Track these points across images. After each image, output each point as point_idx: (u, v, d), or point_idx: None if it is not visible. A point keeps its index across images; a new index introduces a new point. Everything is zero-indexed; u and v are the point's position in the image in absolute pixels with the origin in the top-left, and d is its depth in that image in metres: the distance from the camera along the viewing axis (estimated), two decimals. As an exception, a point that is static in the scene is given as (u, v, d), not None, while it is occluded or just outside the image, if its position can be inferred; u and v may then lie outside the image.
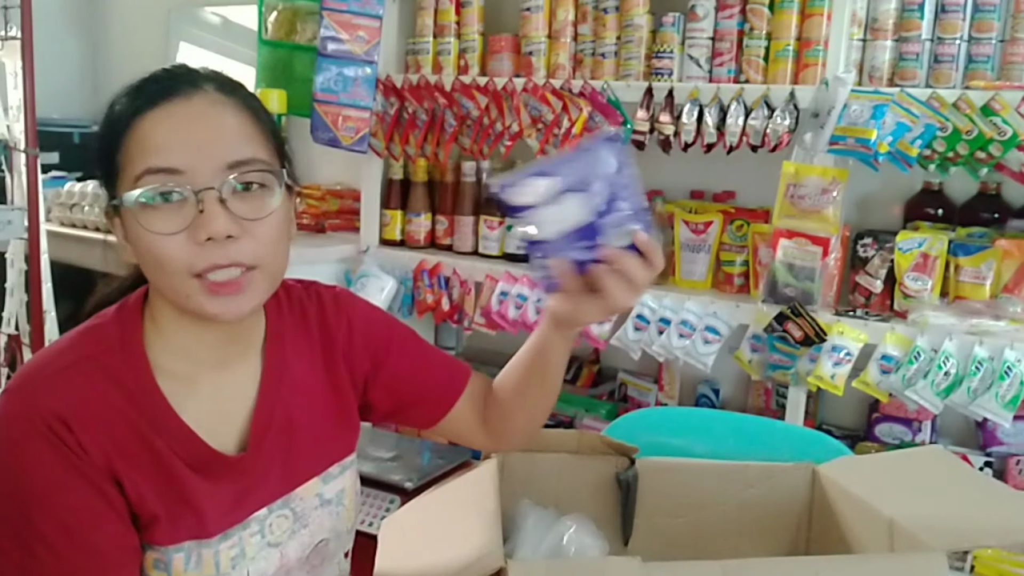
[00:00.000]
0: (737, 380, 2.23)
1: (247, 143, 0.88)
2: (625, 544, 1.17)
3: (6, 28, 2.19)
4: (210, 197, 0.84)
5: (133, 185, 0.85)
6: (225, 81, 0.91)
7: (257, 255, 0.87)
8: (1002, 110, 1.63)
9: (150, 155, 0.84)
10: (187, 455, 0.91)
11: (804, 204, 1.81)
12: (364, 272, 2.33)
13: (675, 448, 1.41)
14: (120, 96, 0.90)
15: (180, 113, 0.86)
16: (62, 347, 0.92)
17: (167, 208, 0.84)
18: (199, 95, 0.87)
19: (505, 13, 2.32)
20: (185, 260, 0.84)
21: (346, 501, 1.06)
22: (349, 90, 2.27)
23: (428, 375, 1.12)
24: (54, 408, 0.84)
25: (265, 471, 0.97)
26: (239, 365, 0.98)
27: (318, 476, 1.02)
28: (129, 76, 0.91)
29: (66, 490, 0.84)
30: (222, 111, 0.88)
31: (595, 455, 1.18)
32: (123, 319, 0.93)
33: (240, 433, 0.97)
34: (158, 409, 0.90)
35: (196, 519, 0.91)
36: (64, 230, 2.92)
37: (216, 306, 0.86)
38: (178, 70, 0.91)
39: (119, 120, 0.87)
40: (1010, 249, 1.72)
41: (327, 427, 1.04)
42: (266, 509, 0.97)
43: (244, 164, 0.87)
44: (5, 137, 2.26)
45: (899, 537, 0.95)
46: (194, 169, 0.84)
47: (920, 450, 1.26)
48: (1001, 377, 1.62)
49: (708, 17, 1.97)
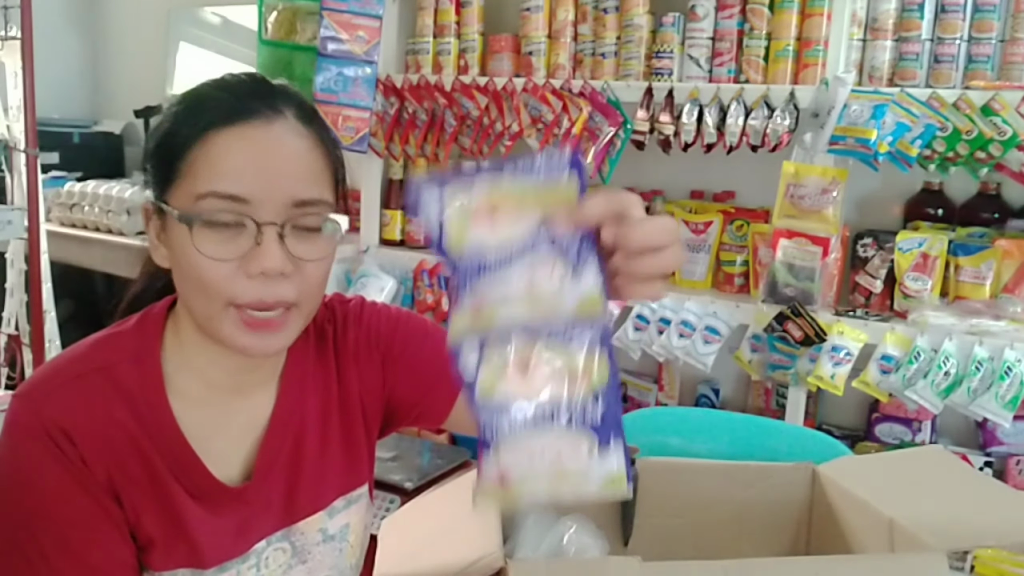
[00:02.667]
0: (737, 380, 2.23)
1: (317, 182, 0.85)
2: (625, 544, 1.17)
3: (6, 28, 2.19)
4: (271, 232, 0.81)
5: (194, 202, 0.81)
6: (306, 108, 0.88)
7: (301, 294, 0.85)
8: (1002, 110, 1.63)
9: (219, 178, 0.81)
10: (188, 482, 0.88)
11: (804, 204, 1.81)
12: (364, 272, 2.33)
13: (675, 448, 1.41)
14: (183, 100, 0.86)
15: (257, 138, 0.82)
16: (77, 355, 0.89)
17: (224, 233, 0.81)
18: (279, 122, 0.84)
19: (505, 13, 2.32)
20: (229, 290, 0.81)
21: (351, 537, 1.02)
22: (349, 90, 2.27)
23: (433, 365, 1.05)
24: (58, 420, 0.83)
25: (267, 503, 0.94)
26: (255, 393, 0.94)
27: (323, 510, 0.98)
28: (129, 76, 0.89)
29: (66, 503, 0.83)
30: (299, 144, 0.84)
31: (595, 455, 1.18)
32: (144, 330, 0.91)
33: (245, 462, 0.93)
34: (165, 430, 0.88)
35: (191, 548, 0.88)
36: (64, 230, 2.93)
37: (248, 340, 0.84)
38: (261, 87, 0.87)
39: (189, 127, 0.83)
40: (1010, 249, 1.72)
41: (336, 460, 1.00)
42: (265, 541, 0.94)
43: (310, 204, 0.84)
44: (5, 137, 2.26)
45: (899, 537, 0.95)
46: (261, 201, 0.81)
47: (920, 450, 1.26)
48: (1001, 377, 1.62)
49: (708, 17, 1.97)
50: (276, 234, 0.81)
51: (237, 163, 0.81)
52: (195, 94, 0.86)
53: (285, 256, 0.82)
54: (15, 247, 2.31)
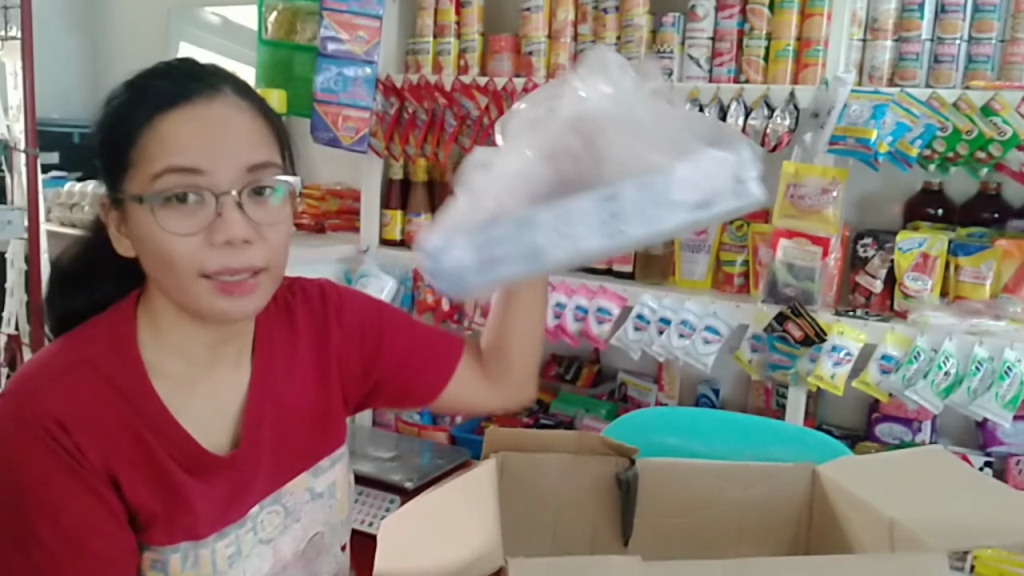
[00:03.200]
0: (737, 380, 2.23)
1: (264, 147, 0.90)
2: (625, 544, 1.17)
3: (6, 28, 2.19)
4: (229, 201, 0.86)
5: (151, 182, 0.85)
6: (240, 84, 0.93)
7: (268, 259, 0.89)
8: (1002, 110, 1.63)
9: (173, 154, 0.85)
10: (181, 456, 0.92)
11: (804, 204, 1.81)
12: (364, 272, 2.33)
13: (675, 448, 1.41)
14: (124, 91, 0.90)
15: (202, 115, 0.87)
16: (56, 350, 0.92)
17: (185, 209, 0.85)
18: (219, 98, 0.88)
19: (505, 13, 2.32)
20: (197, 261, 0.85)
21: (338, 494, 1.07)
22: (349, 90, 2.27)
23: (424, 348, 1.14)
24: (50, 411, 0.84)
25: (256, 467, 0.98)
26: (231, 365, 0.99)
27: (307, 471, 1.04)
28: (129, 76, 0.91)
29: (64, 494, 0.84)
30: (241, 114, 0.89)
31: (595, 456, 1.18)
32: (116, 321, 0.94)
33: (232, 431, 0.98)
34: (153, 410, 0.91)
35: (190, 520, 0.91)
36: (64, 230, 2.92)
37: (225, 304, 0.88)
38: (193, 69, 0.91)
39: (135, 115, 0.87)
40: (1010, 249, 1.72)
41: (316, 422, 1.05)
42: (258, 506, 0.98)
43: (262, 168, 0.89)
44: (5, 137, 2.27)
45: (899, 537, 0.95)
46: (215, 171, 0.85)
47: (920, 450, 1.26)
48: (1001, 377, 1.62)
49: (708, 17, 1.97)
50: (235, 203, 0.86)
51: (188, 138, 0.86)
52: (133, 85, 0.91)
53: (247, 223, 0.86)
54: (15, 247, 2.32)
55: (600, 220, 0.77)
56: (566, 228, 0.77)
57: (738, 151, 0.77)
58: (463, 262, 0.80)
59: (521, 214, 0.78)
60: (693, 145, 0.77)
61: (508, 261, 0.79)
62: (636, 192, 0.76)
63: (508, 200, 0.81)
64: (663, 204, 0.77)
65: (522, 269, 0.80)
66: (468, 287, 0.82)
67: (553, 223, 0.77)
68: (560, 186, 0.81)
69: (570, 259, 0.80)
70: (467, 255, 0.80)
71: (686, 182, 0.76)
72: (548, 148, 0.81)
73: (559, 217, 0.77)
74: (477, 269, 0.81)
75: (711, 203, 0.77)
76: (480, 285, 0.82)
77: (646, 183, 0.77)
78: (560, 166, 0.81)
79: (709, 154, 0.76)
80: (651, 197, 0.77)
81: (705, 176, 0.76)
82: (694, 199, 0.76)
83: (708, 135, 0.78)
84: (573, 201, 0.78)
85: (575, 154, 0.81)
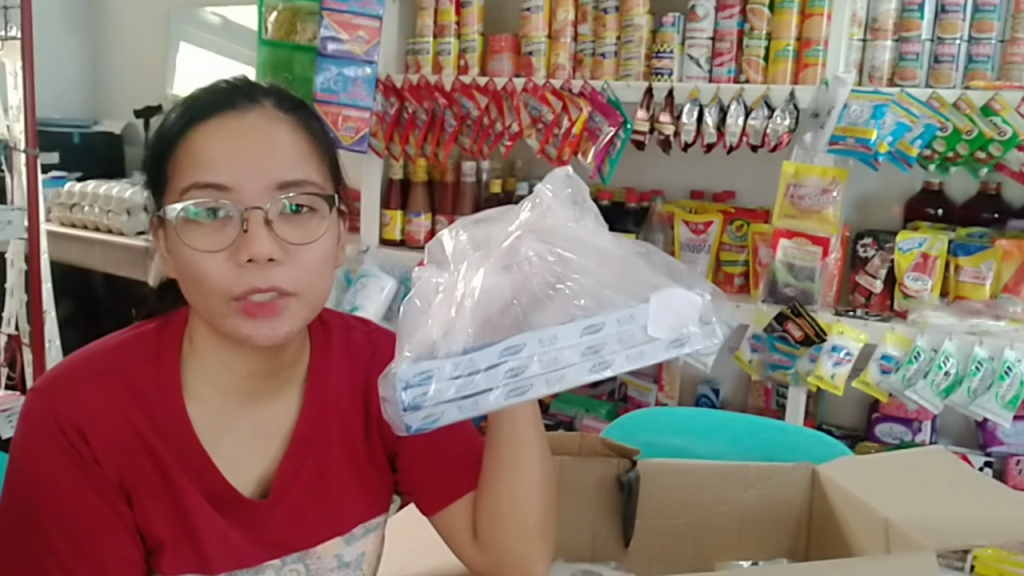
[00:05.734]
0: (737, 380, 2.23)
1: (300, 164, 0.84)
2: (626, 546, 1.17)
3: (6, 28, 2.19)
4: (256, 217, 0.80)
5: (178, 198, 0.81)
6: (286, 97, 0.87)
7: (298, 282, 0.82)
8: (1002, 110, 1.63)
9: (199, 169, 0.81)
10: (202, 486, 0.87)
11: (804, 204, 1.81)
12: (364, 272, 2.33)
13: (675, 448, 1.41)
14: (176, 106, 0.86)
15: (233, 127, 0.82)
16: (96, 352, 0.89)
17: (211, 225, 0.80)
18: (256, 110, 0.84)
19: (505, 13, 2.32)
20: (223, 282, 0.80)
21: (364, 566, 0.99)
22: (349, 90, 2.27)
23: (444, 459, 0.98)
24: (72, 418, 0.83)
25: (284, 522, 0.91)
26: (274, 402, 0.92)
27: (341, 536, 0.95)
28: (129, 76, 0.89)
29: (77, 501, 0.83)
30: (277, 127, 0.84)
31: (596, 457, 1.18)
32: (164, 333, 0.90)
33: (265, 476, 0.91)
34: (181, 434, 0.87)
35: (200, 553, 0.87)
36: (64, 230, 2.93)
37: (250, 328, 0.82)
38: (238, 82, 0.87)
39: (171, 130, 0.84)
40: (1010, 249, 1.72)
41: (360, 484, 0.96)
42: (280, 561, 0.92)
43: (295, 185, 0.82)
44: (5, 137, 2.26)
45: (894, 537, 0.95)
46: (242, 187, 0.80)
47: (920, 450, 1.27)
48: (1001, 377, 1.62)
49: (708, 17, 1.97)
50: (262, 219, 0.80)
51: (215, 152, 0.81)
52: (184, 100, 0.87)
53: (273, 241, 0.80)
54: (15, 247, 2.31)
55: (584, 350, 0.73)
56: (552, 355, 0.73)
57: (702, 293, 0.76)
58: (445, 394, 0.71)
59: (509, 340, 0.72)
60: (660, 280, 0.76)
61: (490, 393, 0.72)
62: (617, 325, 0.74)
63: (477, 322, 0.73)
64: (642, 340, 0.74)
65: (503, 400, 0.72)
66: (441, 422, 0.72)
67: (539, 350, 0.72)
68: (517, 304, 0.74)
69: (551, 389, 0.74)
70: (449, 386, 0.71)
71: (662, 319, 0.75)
72: (504, 257, 0.75)
73: (543, 343, 0.72)
74: (457, 404, 0.72)
75: (684, 342, 0.76)
76: (453, 420, 0.73)
77: (626, 316, 0.74)
78: (517, 278, 0.75)
79: (679, 292, 0.75)
80: (631, 331, 0.74)
81: (677, 314, 0.75)
82: (669, 337, 0.75)
83: (670, 273, 0.77)
84: (556, 327, 0.73)
85: (533, 264, 0.75)
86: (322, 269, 0.85)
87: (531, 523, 0.93)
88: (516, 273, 0.75)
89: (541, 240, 0.75)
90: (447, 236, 0.78)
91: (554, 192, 0.78)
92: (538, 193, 0.78)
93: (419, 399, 0.71)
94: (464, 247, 0.76)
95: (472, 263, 0.75)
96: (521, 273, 0.75)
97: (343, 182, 0.92)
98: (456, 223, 0.79)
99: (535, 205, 0.77)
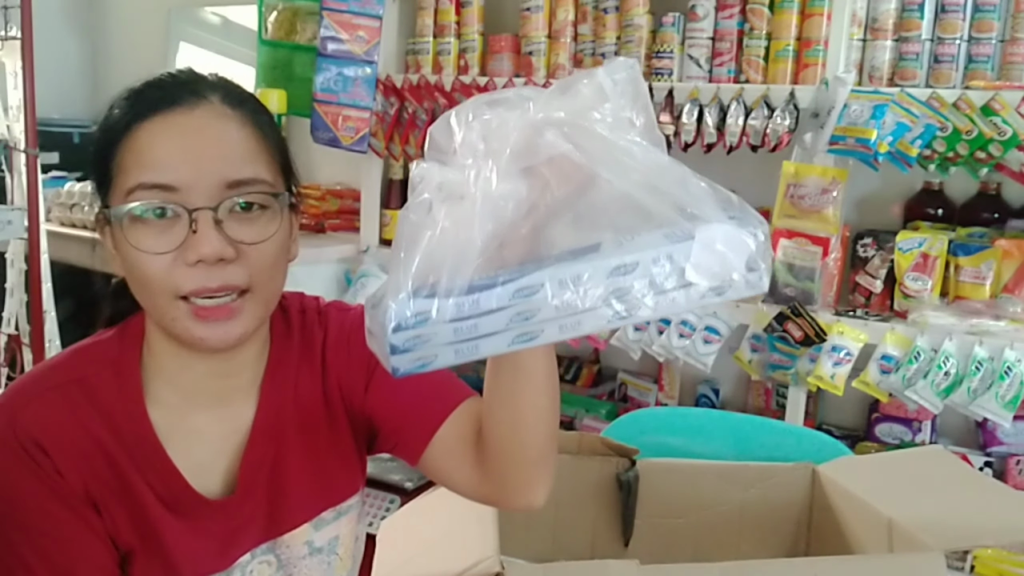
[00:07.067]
0: (737, 380, 2.23)
1: (250, 161, 0.82)
2: (626, 545, 1.17)
3: (6, 28, 2.19)
4: (204, 217, 0.78)
5: (124, 198, 0.79)
6: (233, 91, 0.85)
7: (250, 279, 0.81)
8: (1002, 110, 1.63)
9: (144, 169, 0.78)
10: (167, 495, 0.86)
11: (804, 204, 1.81)
12: (364, 272, 2.33)
13: (675, 448, 1.41)
14: (120, 99, 0.83)
15: (180, 125, 0.80)
16: (55, 364, 0.88)
17: (158, 225, 0.78)
18: (203, 106, 0.81)
19: (505, 13, 2.32)
20: (171, 281, 0.78)
21: (340, 550, 0.97)
22: (349, 90, 2.27)
23: (414, 392, 0.93)
24: (31, 431, 0.82)
25: (251, 516, 0.90)
26: (234, 401, 0.90)
27: (309, 522, 0.94)
28: (129, 76, 0.85)
29: (44, 514, 0.83)
30: (226, 125, 0.81)
31: (595, 456, 1.18)
32: (123, 340, 0.88)
33: (228, 473, 0.90)
34: (143, 441, 0.85)
35: (168, 562, 0.86)
36: (64, 230, 2.92)
37: (203, 331, 0.80)
38: (183, 76, 0.84)
39: (115, 126, 0.81)
40: (1010, 249, 1.72)
41: (325, 469, 0.95)
42: (249, 554, 0.91)
43: (244, 184, 0.80)
44: (5, 137, 2.26)
45: (898, 537, 0.95)
46: (190, 187, 0.78)
47: (920, 450, 1.27)
48: (1001, 377, 1.62)
49: (708, 17, 1.97)
50: (211, 219, 0.78)
51: (161, 152, 0.79)
52: (120, 95, 0.84)
53: (223, 241, 0.78)
54: (15, 247, 2.31)
55: (608, 292, 0.61)
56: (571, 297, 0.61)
57: (755, 232, 0.63)
58: (442, 338, 0.61)
59: (523, 280, 0.61)
60: (707, 211, 0.63)
61: (494, 336, 0.62)
62: (653, 267, 0.61)
63: (484, 239, 0.61)
64: (677, 283, 0.62)
65: (506, 346, 0.62)
66: (433, 365, 0.63)
67: (557, 292, 0.61)
68: (532, 211, 0.63)
69: (564, 336, 0.63)
70: (448, 329, 0.61)
71: (705, 261, 0.62)
72: (522, 156, 0.62)
73: (564, 285, 0.61)
74: (455, 347, 0.62)
75: (723, 290, 0.63)
76: (448, 364, 0.63)
77: (664, 255, 0.61)
78: (536, 185, 0.63)
79: (728, 229, 0.62)
80: (666, 273, 0.62)
81: (722, 257, 0.62)
82: (710, 284, 0.63)
83: (720, 202, 0.64)
84: (579, 263, 0.61)
85: (558, 168, 0.62)
86: (275, 264, 0.84)
87: (533, 453, 0.86)
88: (535, 179, 0.62)
89: (569, 138, 0.62)
90: (455, 120, 0.66)
91: (613, 82, 0.65)
92: (591, 77, 0.65)
93: (411, 342, 0.61)
94: (474, 139, 0.64)
95: (482, 161, 0.63)
96: (541, 179, 0.62)
97: (294, 175, 0.89)
98: (467, 103, 0.67)
99: (573, 90, 0.64)
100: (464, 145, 0.64)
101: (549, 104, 0.63)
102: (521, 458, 0.86)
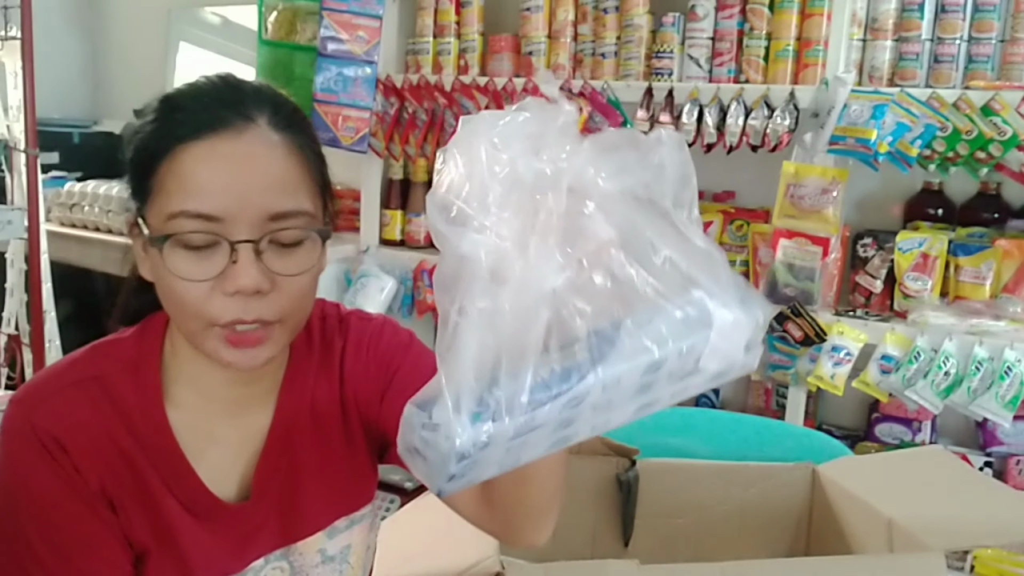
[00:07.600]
0: (737, 380, 2.22)
1: (293, 193, 0.80)
2: (626, 545, 1.17)
3: (6, 28, 2.19)
4: (246, 250, 0.77)
5: (165, 222, 0.78)
6: (281, 109, 0.82)
7: (284, 310, 0.81)
8: (1002, 110, 1.63)
9: (188, 196, 0.77)
10: (183, 495, 0.86)
11: (804, 204, 1.81)
12: (364, 272, 2.33)
13: (675, 448, 1.41)
14: (158, 108, 0.82)
15: (226, 152, 0.78)
16: (75, 360, 0.88)
17: (198, 254, 0.78)
18: (251, 131, 0.79)
19: (505, 13, 2.32)
20: (207, 310, 0.78)
21: (352, 559, 0.97)
22: (349, 90, 2.27)
23: None
24: (50, 428, 0.82)
25: (265, 522, 0.91)
26: (253, 407, 0.90)
27: (323, 531, 0.94)
28: (129, 76, 0.85)
29: (61, 511, 0.83)
30: (272, 153, 0.79)
31: (595, 456, 1.18)
32: (143, 339, 0.88)
33: (243, 479, 0.90)
34: (160, 441, 0.86)
35: (182, 562, 0.86)
36: (64, 230, 2.92)
37: (232, 356, 0.80)
38: (229, 95, 0.81)
39: (157, 140, 0.79)
40: (1010, 249, 1.72)
41: (339, 478, 0.95)
42: (263, 560, 0.91)
43: (287, 217, 0.79)
44: (5, 137, 2.26)
45: (898, 537, 0.95)
46: (234, 218, 0.77)
47: (920, 450, 1.27)
48: (1001, 377, 1.62)
49: (708, 17, 1.97)
50: (252, 251, 0.77)
51: (207, 180, 0.77)
52: (167, 103, 0.82)
53: (262, 273, 0.78)
54: (15, 247, 2.31)
55: (637, 390, 0.58)
56: (607, 399, 0.57)
57: (758, 315, 0.61)
58: (494, 457, 0.56)
59: (576, 389, 0.55)
60: (724, 295, 0.59)
61: (536, 446, 0.58)
62: (677, 359, 0.58)
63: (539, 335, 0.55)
64: (690, 370, 0.60)
65: (543, 452, 0.59)
66: (475, 482, 0.59)
67: (600, 397, 0.57)
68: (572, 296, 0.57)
69: (591, 435, 0.60)
70: (500, 450, 0.56)
71: (717, 348, 0.59)
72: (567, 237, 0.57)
73: (606, 389, 0.56)
74: (500, 462, 0.58)
75: (727, 372, 0.62)
76: (487, 478, 0.59)
77: (688, 348, 0.58)
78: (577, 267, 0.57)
79: (739, 315, 0.60)
80: (683, 364, 0.59)
81: (729, 341, 0.60)
82: (718, 369, 0.61)
83: (730, 284, 0.60)
84: (618, 364, 0.56)
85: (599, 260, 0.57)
86: (308, 295, 0.84)
87: (540, 503, 0.85)
88: (576, 262, 0.57)
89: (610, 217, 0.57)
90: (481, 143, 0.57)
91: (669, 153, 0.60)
92: (633, 140, 0.60)
93: (467, 467, 0.56)
94: (507, 198, 0.56)
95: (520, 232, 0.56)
96: (579, 262, 0.57)
97: (331, 192, 0.89)
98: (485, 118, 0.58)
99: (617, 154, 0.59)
100: (496, 205, 0.56)
101: (589, 166, 0.58)
102: (527, 507, 0.86)
